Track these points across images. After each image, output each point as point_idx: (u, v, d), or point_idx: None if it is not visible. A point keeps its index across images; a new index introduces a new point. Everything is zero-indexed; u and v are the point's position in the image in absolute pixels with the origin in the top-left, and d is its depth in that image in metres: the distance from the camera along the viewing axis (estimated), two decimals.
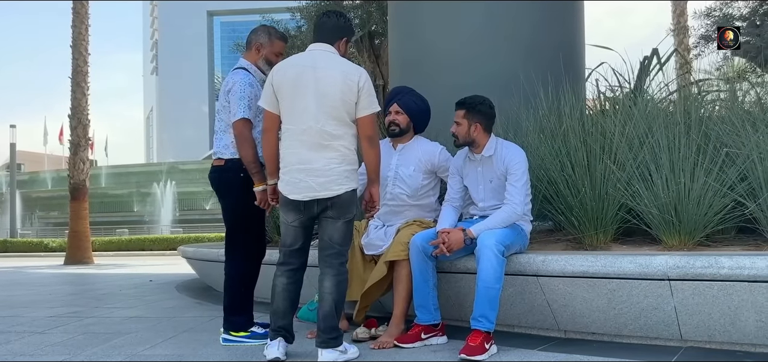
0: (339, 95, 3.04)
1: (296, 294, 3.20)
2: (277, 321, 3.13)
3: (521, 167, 3.40)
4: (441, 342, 3.41)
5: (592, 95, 4.94)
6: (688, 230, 3.42)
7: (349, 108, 3.07)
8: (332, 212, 3.07)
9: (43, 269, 12.37)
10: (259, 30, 3.74)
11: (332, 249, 3.10)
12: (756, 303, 2.82)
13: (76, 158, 15.38)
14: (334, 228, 3.09)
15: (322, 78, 3.06)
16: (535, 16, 5.37)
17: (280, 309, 3.14)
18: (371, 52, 10.33)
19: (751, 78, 6.42)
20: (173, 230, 27.57)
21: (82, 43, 15.58)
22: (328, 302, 3.05)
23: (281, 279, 3.17)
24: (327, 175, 3.04)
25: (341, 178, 3.05)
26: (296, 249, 3.17)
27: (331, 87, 3.04)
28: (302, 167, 3.05)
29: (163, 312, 5.08)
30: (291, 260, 3.18)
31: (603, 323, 3.24)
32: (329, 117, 3.04)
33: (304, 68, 3.10)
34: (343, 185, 3.06)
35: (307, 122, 3.05)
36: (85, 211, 15.41)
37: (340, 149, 3.06)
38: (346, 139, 3.09)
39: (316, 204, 3.07)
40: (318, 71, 3.07)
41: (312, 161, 3.04)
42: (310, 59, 3.13)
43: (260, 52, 3.66)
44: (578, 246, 3.74)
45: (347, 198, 3.08)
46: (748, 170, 3.38)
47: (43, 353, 3.51)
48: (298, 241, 3.17)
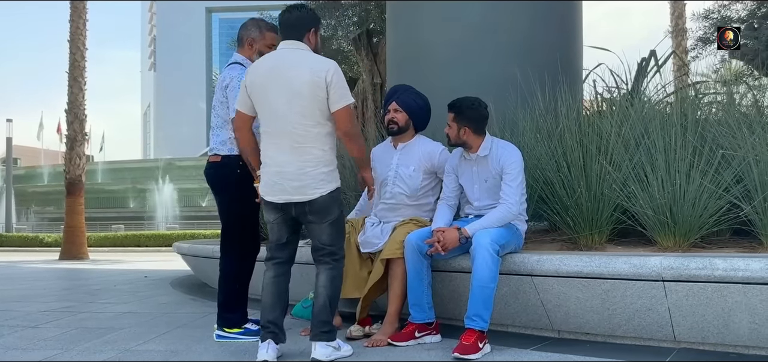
0: (309, 94, 2.96)
1: (284, 287, 3.17)
2: (266, 315, 3.10)
3: (517, 166, 3.40)
4: (435, 340, 3.41)
5: (589, 95, 4.95)
6: (683, 231, 3.42)
7: (321, 105, 2.98)
8: (312, 216, 3.02)
9: (37, 264, 12.33)
10: (248, 25, 3.73)
11: (323, 250, 3.08)
12: (750, 305, 2.83)
13: (72, 153, 15.34)
14: (319, 231, 3.06)
15: (291, 78, 2.99)
16: (533, 17, 5.37)
17: (267, 304, 3.12)
18: (369, 50, 10.32)
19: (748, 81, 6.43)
20: (169, 226, 27.53)
21: (79, 39, 15.54)
22: (323, 296, 3.04)
23: (268, 273, 3.16)
24: (301, 179, 2.98)
25: (315, 182, 2.99)
26: (281, 244, 3.16)
27: (300, 86, 2.97)
28: (277, 169, 3.02)
29: (158, 307, 5.07)
30: (277, 255, 3.17)
31: (597, 323, 3.24)
32: (301, 118, 2.97)
33: (272, 69, 3.04)
34: (317, 189, 2.99)
35: (279, 124, 3.00)
36: (81, 206, 15.37)
37: (314, 152, 2.99)
38: (320, 139, 3.00)
39: (293, 207, 3.03)
40: (287, 71, 3.01)
41: (285, 164, 3.00)
42: (280, 59, 3.08)
43: (253, 46, 3.64)
44: (573, 246, 3.74)
45: (324, 202, 3.01)
46: (744, 173, 3.38)
47: (35, 347, 3.50)
48: (283, 237, 3.14)
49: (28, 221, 32.66)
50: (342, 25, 11.18)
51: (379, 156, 3.90)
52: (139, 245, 21.42)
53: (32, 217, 33.57)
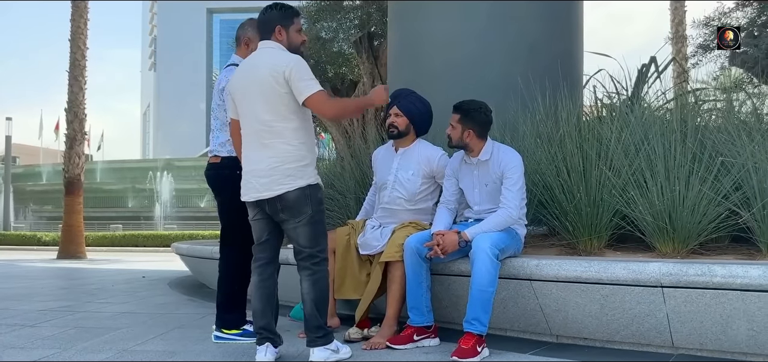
0: (269, 91, 2.99)
1: (272, 290, 3.16)
2: (257, 322, 3.10)
3: (517, 171, 3.40)
4: (433, 344, 3.41)
5: (589, 101, 4.95)
6: (681, 237, 3.43)
7: (284, 100, 2.98)
8: (284, 214, 3.01)
9: (35, 263, 12.31)
10: (245, 24, 3.75)
11: (302, 253, 3.06)
12: (748, 311, 2.83)
13: (71, 152, 15.31)
14: (294, 232, 3.04)
15: (255, 76, 3.04)
16: (535, 22, 5.37)
17: (258, 309, 3.10)
18: (370, 52, 10.31)
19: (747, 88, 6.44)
20: (167, 226, 27.49)
21: (80, 38, 15.52)
22: (309, 302, 3.03)
23: (253, 277, 3.17)
24: (268, 175, 2.99)
25: (282, 178, 2.98)
26: (263, 242, 3.15)
27: (262, 84, 3.00)
28: (249, 167, 3.08)
29: (155, 308, 5.06)
30: (260, 255, 3.16)
31: (595, 328, 3.24)
32: (267, 114, 3.00)
33: (245, 71, 3.11)
34: (284, 185, 2.98)
35: (249, 121, 3.07)
36: (80, 205, 15.34)
37: (280, 147, 2.99)
38: (287, 135, 2.99)
39: (266, 205, 3.04)
40: (254, 70, 3.06)
41: (255, 161, 3.04)
42: (251, 60, 3.14)
43: (250, 45, 3.66)
44: (572, 251, 3.74)
45: (295, 198, 2.98)
46: (743, 180, 3.39)
47: (33, 346, 3.50)
48: (263, 235, 3.14)
49: (26, 219, 32.61)
50: (343, 27, 11.18)
51: (381, 159, 3.90)
52: (137, 245, 21.37)
53: (30, 215, 33.52)
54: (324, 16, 10.87)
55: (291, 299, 4.42)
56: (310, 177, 3.04)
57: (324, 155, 6.63)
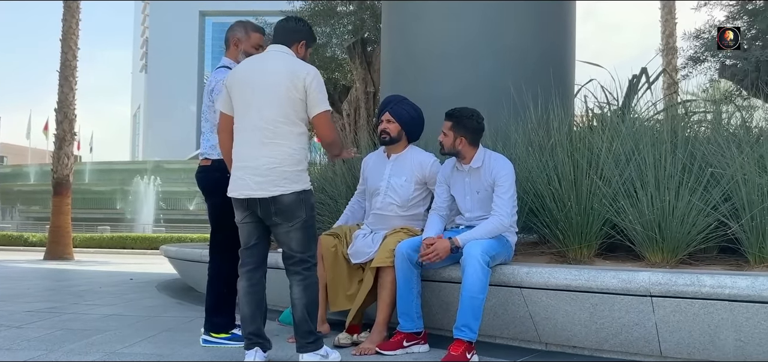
0: (284, 91, 2.96)
1: (260, 296, 3.13)
2: (246, 327, 3.07)
3: (509, 179, 3.41)
4: (423, 350, 3.41)
5: (580, 110, 4.98)
6: (671, 247, 3.45)
7: (295, 106, 2.98)
8: (277, 217, 2.98)
9: (21, 264, 12.19)
10: (235, 26, 3.75)
11: (293, 258, 3.04)
12: (736, 322, 2.85)
13: (60, 152, 15.19)
14: (286, 236, 3.01)
15: (269, 73, 3.00)
16: (527, 30, 5.40)
17: (246, 315, 3.07)
18: (363, 58, 10.32)
19: (736, 101, 6.50)
20: (155, 229, 27.32)
21: (71, 38, 15.43)
22: (300, 308, 3.01)
23: (241, 283, 3.12)
24: (265, 175, 2.96)
25: (280, 179, 2.95)
26: (250, 247, 3.11)
27: (277, 83, 2.98)
28: (243, 164, 3.01)
29: (143, 310, 5.03)
30: (247, 260, 3.12)
31: (584, 337, 3.25)
32: (273, 114, 2.97)
33: (253, 68, 3.07)
34: (280, 187, 2.95)
35: (251, 118, 3.01)
36: (68, 206, 15.21)
37: (284, 148, 2.97)
38: (291, 139, 2.99)
39: (258, 205, 3.00)
40: (267, 68, 3.03)
41: (253, 158, 2.98)
42: (262, 58, 3.12)
43: (239, 46, 3.66)
44: (562, 259, 3.75)
45: (290, 202, 2.96)
46: (732, 191, 3.42)
47: (19, 347, 3.46)
48: (251, 239, 3.10)
49: (13, 219, 32.30)
50: (337, 33, 11.19)
51: (372, 166, 3.90)
52: (125, 247, 21.20)
53: (17, 216, 33.21)
54: (318, 21, 10.87)
55: (280, 303, 4.40)
56: (305, 182, 3.04)
57: (315, 159, 6.61)
